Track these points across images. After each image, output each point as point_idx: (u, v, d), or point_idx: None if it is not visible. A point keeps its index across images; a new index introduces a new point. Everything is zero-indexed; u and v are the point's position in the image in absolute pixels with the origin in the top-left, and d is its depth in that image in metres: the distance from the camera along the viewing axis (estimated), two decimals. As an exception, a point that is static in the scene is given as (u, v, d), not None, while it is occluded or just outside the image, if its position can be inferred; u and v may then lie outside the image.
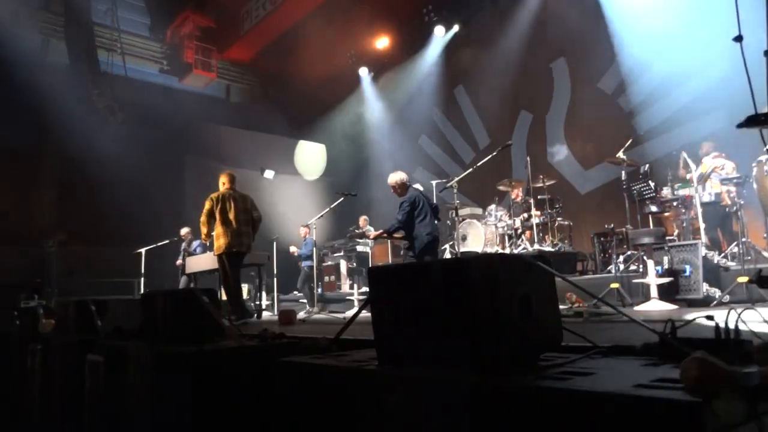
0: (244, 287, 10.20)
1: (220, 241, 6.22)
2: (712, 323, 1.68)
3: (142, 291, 7.47)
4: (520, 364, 1.57)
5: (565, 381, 1.37)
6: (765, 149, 5.71)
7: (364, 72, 13.49)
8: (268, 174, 12.15)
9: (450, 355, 1.62)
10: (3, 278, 9.45)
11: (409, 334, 1.74)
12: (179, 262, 9.66)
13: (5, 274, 9.61)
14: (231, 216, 6.19)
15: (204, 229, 6.26)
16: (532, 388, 1.35)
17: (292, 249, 10.24)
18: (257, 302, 9.55)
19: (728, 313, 1.65)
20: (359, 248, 10.22)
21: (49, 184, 11.90)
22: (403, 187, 6.35)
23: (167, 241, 9.61)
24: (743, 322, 1.65)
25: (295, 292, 10.27)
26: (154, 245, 9.40)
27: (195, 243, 9.70)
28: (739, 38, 1.82)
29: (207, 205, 6.24)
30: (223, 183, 6.44)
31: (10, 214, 10.49)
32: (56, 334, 4.81)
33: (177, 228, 10.01)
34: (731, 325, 1.64)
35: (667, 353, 1.60)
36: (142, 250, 9.25)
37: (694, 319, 1.73)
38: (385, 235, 6.42)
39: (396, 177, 6.38)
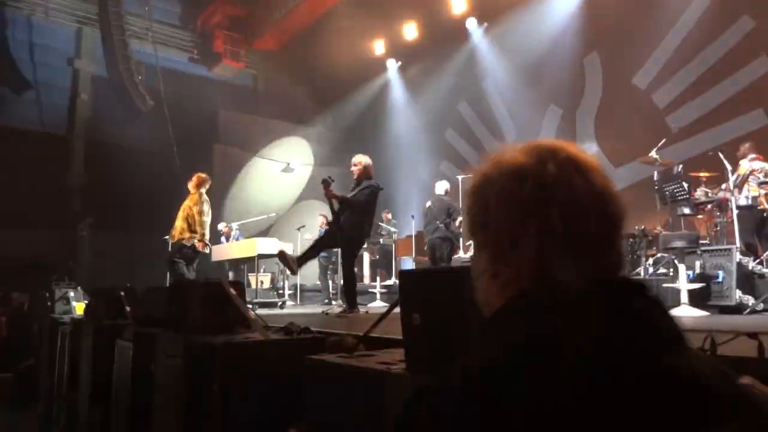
0: (267, 276, 10.32)
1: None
2: (754, 340, 1.62)
3: (169, 279, 7.60)
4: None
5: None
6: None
7: (391, 63, 13.42)
8: (294, 164, 12.23)
9: (481, 364, 1.59)
10: (36, 260, 9.71)
11: (439, 340, 1.72)
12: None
13: (38, 257, 9.88)
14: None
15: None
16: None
17: (308, 236, 10.25)
18: (281, 291, 9.66)
19: (774, 332, 1.58)
20: (383, 241, 10.23)
21: (80, 168, 12.17)
22: (365, 172, 5.72)
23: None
24: (789, 341, 1.58)
25: (317, 282, 10.33)
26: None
27: (234, 233, 9.87)
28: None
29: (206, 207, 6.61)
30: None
31: (43, 197, 10.75)
32: (86, 319, 4.92)
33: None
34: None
35: (707, 371, 1.55)
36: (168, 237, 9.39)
37: (736, 336, 1.67)
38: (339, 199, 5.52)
39: (364, 158, 5.78)
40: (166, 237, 7.14)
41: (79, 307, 6.08)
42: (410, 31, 12.40)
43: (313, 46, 12.50)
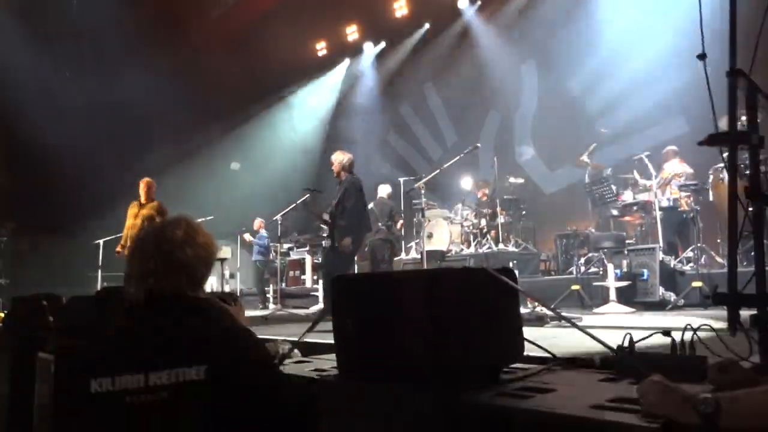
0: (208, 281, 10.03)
1: None
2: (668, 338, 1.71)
3: (99, 285, 7.23)
4: (482, 377, 1.57)
5: (525, 399, 1.37)
6: (711, 171, 5.89)
7: (333, 64, 13.37)
8: (234, 166, 11.95)
9: (410, 369, 1.60)
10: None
11: (371, 345, 1.72)
12: None
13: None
14: None
15: None
16: (492, 406, 1.34)
17: (247, 236, 10.00)
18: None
19: (684, 330, 1.68)
20: (325, 243, 10.13)
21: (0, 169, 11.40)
22: (347, 170, 5.68)
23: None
24: (699, 338, 1.69)
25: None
26: (115, 236, 9.10)
27: None
28: (702, 56, 1.84)
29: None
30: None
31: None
32: (4, 329, 4.60)
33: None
34: (687, 341, 1.68)
35: (625, 368, 1.62)
36: (101, 242, 8.95)
37: (651, 335, 1.76)
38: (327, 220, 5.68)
39: (344, 156, 5.69)
40: (118, 251, 6.88)
41: (-3, 317, 5.68)
42: (352, 32, 12.40)
43: (251, 46, 12.25)
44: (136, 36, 11.00)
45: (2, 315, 5.44)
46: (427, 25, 11.80)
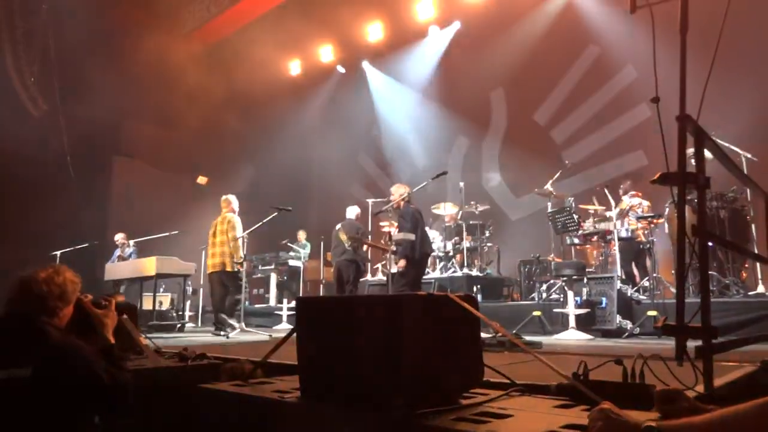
0: (167, 297, 9.81)
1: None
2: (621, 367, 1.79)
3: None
4: (441, 402, 1.60)
5: (482, 424, 1.40)
6: (668, 204, 6.18)
7: (304, 83, 13.43)
8: (201, 180, 11.80)
9: (371, 392, 1.62)
10: None
11: (332, 368, 1.74)
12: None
13: None
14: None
15: None
16: (451, 430, 1.38)
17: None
18: (180, 313, 9.21)
19: (635, 359, 1.76)
20: (291, 262, 10.08)
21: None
22: (407, 201, 6.36)
23: (86, 245, 9.07)
24: (648, 367, 1.76)
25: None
26: (73, 248, 8.86)
27: (129, 249, 9.23)
28: (656, 100, 1.95)
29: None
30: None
31: None
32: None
33: (101, 231, 9.51)
34: (638, 369, 1.76)
35: (580, 394, 1.69)
36: (57, 253, 8.70)
37: (605, 363, 1.83)
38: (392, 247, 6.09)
39: (398, 189, 6.42)
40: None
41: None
42: (326, 53, 12.51)
43: (224, 64, 12.22)
44: (106, 44, 10.85)
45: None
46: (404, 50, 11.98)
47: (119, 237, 9.40)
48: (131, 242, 8.92)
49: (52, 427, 1.84)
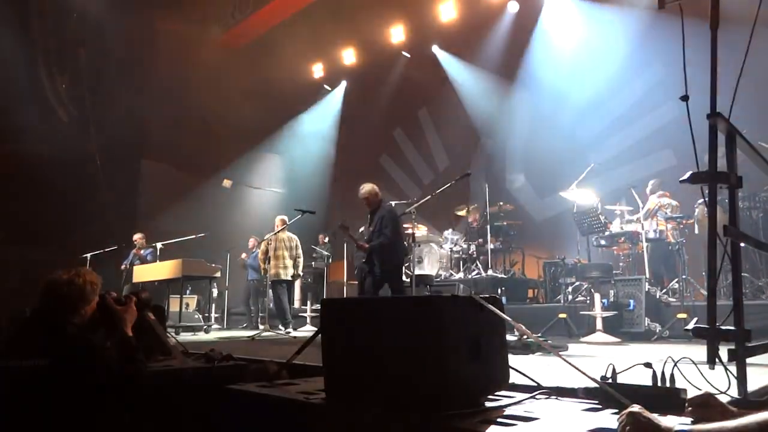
0: (193, 299, 9.96)
1: None
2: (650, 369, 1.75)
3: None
4: (465, 404, 1.59)
5: (508, 427, 1.39)
6: (698, 204, 6.02)
7: (328, 87, 13.52)
8: (226, 183, 11.95)
9: (396, 393, 1.62)
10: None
11: (358, 369, 1.74)
12: (124, 266, 9.24)
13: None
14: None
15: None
16: (477, 433, 1.37)
17: (243, 255, 10.05)
18: (206, 314, 9.34)
19: (665, 362, 1.72)
20: (315, 264, 10.14)
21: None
22: (378, 197, 6.08)
23: (116, 247, 9.26)
24: (679, 370, 1.72)
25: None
26: (102, 251, 9.05)
27: (147, 250, 9.37)
28: (685, 98, 1.91)
29: None
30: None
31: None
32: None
33: (129, 233, 9.68)
34: (668, 373, 1.72)
35: (608, 398, 1.66)
36: (88, 255, 8.90)
37: (634, 366, 1.80)
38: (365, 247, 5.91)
39: (370, 187, 6.12)
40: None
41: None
42: (348, 56, 12.57)
43: (249, 69, 12.37)
44: (134, 52, 11.08)
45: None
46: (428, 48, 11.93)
47: (137, 237, 9.47)
48: (157, 244, 9.05)
49: (70, 410, 2.06)
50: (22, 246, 9.97)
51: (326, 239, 10.84)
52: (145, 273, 8.56)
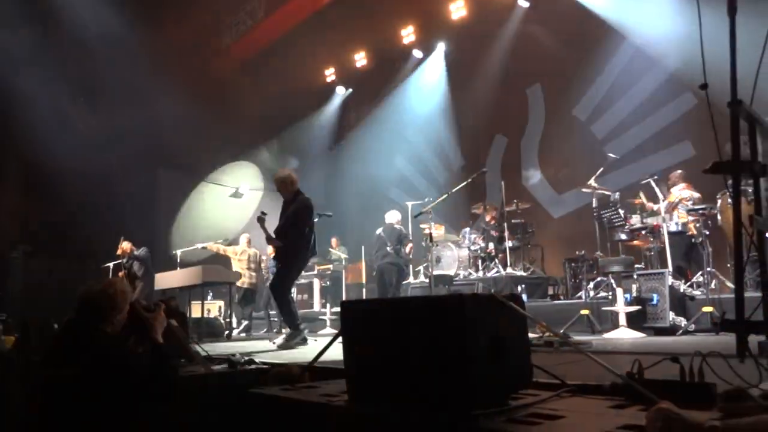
0: (214, 305, 10.03)
1: None
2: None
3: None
4: (490, 404, 1.58)
5: (534, 426, 1.37)
6: (720, 195, 5.88)
7: (340, 89, 13.56)
8: (242, 188, 12.05)
9: (420, 394, 1.61)
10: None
11: (380, 371, 1.74)
12: (122, 273, 9.12)
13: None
14: None
15: None
16: (502, 433, 1.35)
17: (264, 257, 10.02)
18: (227, 320, 9.40)
19: (693, 356, 1.69)
20: (333, 267, 10.17)
21: (15, 191, 11.57)
22: (293, 187, 5.40)
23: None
24: (708, 364, 1.69)
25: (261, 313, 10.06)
26: (118, 261, 9.16)
27: (139, 250, 9.23)
28: (704, 86, 1.88)
29: None
30: None
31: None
32: (17, 352, 4.63)
33: (149, 242, 9.79)
34: (696, 367, 1.68)
35: (634, 394, 1.63)
36: (110, 265, 9.02)
37: (661, 360, 1.77)
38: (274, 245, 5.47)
39: (284, 174, 5.48)
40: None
41: (8, 340, 5.71)
42: (360, 59, 12.59)
43: (263, 73, 12.46)
44: (151, 63, 11.23)
45: (13, 338, 5.47)
46: (438, 48, 11.92)
47: (125, 245, 9.10)
48: (177, 251, 9.07)
49: (105, 415, 2.18)
50: (48, 259, 10.19)
51: (338, 242, 10.87)
52: (168, 280, 8.65)
